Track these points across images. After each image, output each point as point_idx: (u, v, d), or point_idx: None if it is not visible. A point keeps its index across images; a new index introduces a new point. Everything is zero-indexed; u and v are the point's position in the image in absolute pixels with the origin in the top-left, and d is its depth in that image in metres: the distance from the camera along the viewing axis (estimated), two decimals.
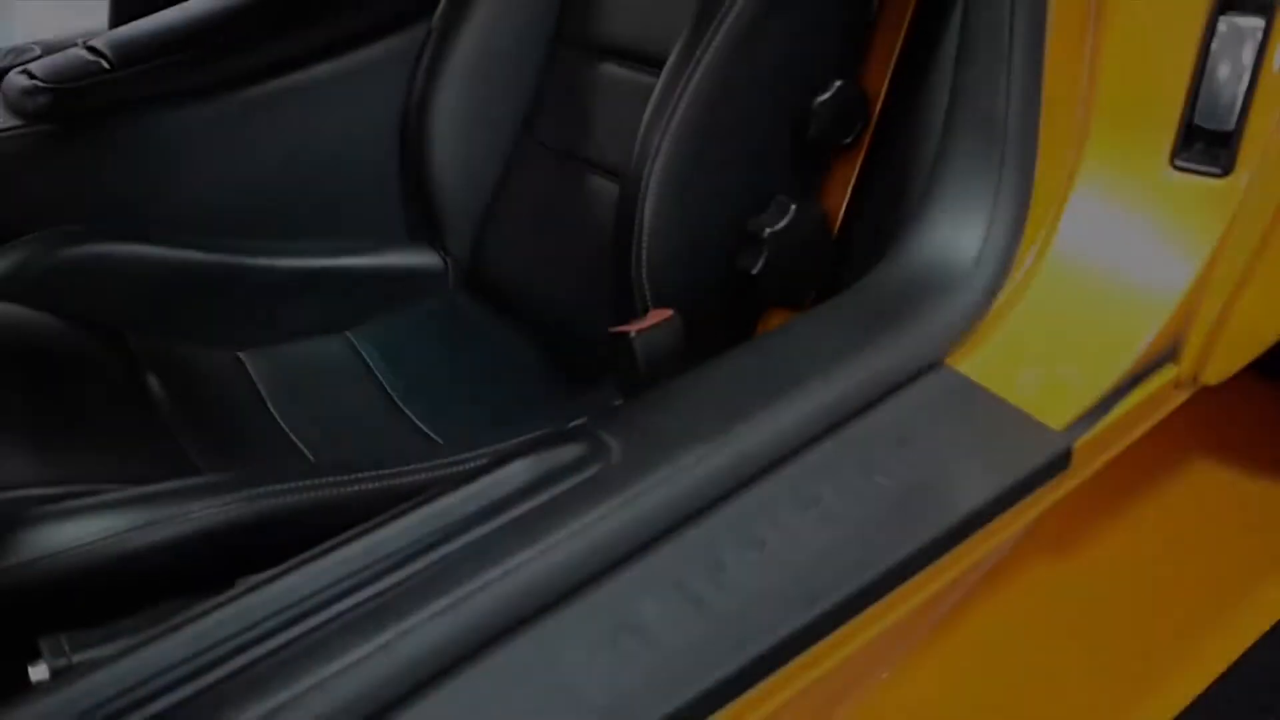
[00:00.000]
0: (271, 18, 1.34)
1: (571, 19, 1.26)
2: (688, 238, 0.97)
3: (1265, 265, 0.87)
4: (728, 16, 0.92)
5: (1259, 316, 0.89)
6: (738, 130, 0.97)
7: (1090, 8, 0.89)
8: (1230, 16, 0.84)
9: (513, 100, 1.30)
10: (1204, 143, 0.87)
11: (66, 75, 1.28)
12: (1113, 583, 1.13)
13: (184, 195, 1.31)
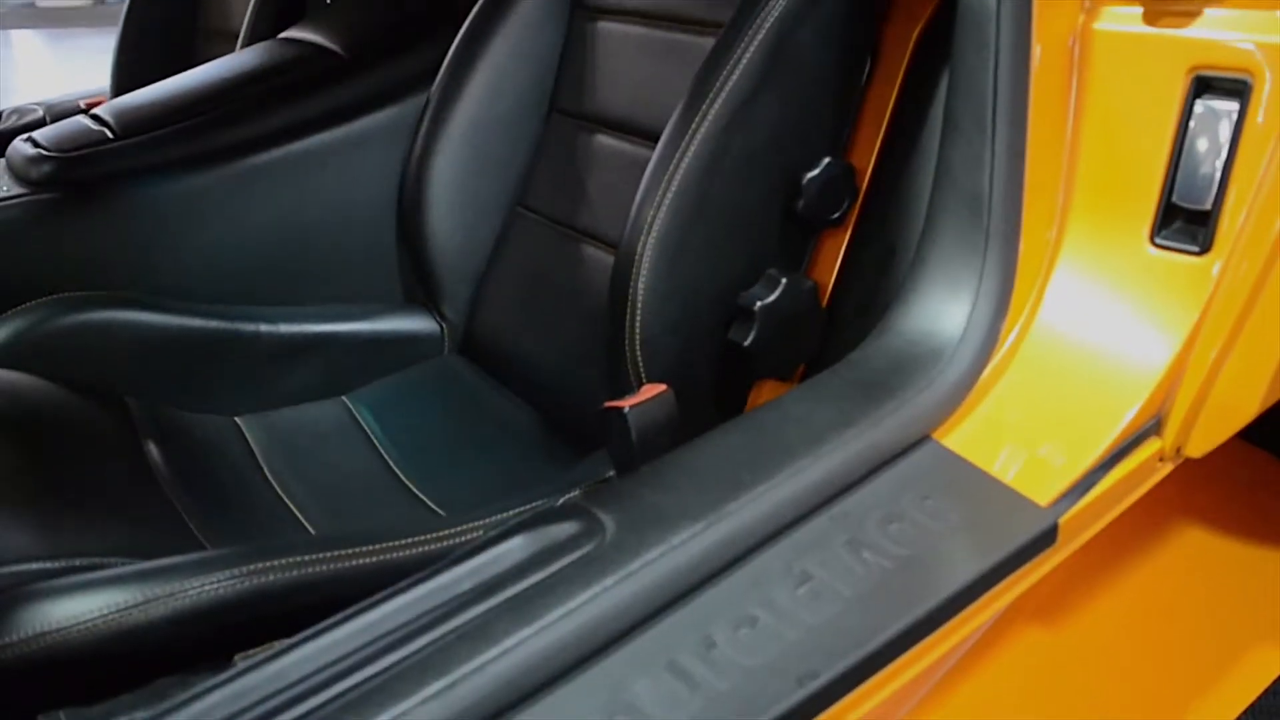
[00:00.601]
0: (271, 89, 1.37)
1: (566, 90, 1.29)
2: (680, 311, 0.98)
3: (1245, 341, 0.89)
4: (720, 95, 0.95)
5: (1240, 390, 0.90)
6: (729, 205, 0.99)
7: (1070, 90, 0.92)
8: (1206, 99, 0.87)
9: (508, 168, 1.33)
10: (1183, 221, 0.89)
11: (71, 144, 1.30)
12: (1102, 649, 1.13)
13: (184, 261, 1.33)
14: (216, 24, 1.97)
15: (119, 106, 1.37)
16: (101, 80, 2.19)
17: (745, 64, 0.94)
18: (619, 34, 1.22)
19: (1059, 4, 0.90)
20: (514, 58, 1.30)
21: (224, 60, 1.47)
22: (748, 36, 0.94)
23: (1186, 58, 0.87)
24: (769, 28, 0.94)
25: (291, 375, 1.33)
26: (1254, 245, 0.86)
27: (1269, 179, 0.85)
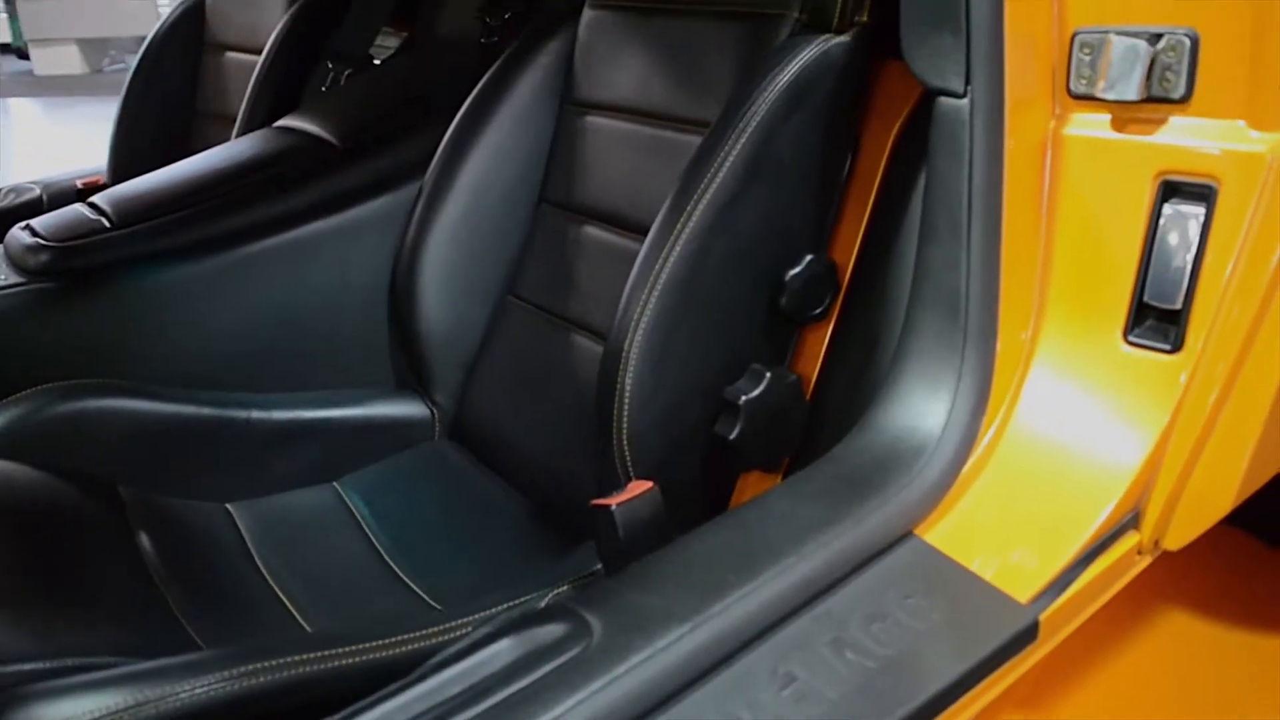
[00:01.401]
0: (267, 178, 1.40)
1: (555, 182, 1.32)
2: (667, 406, 1.00)
3: (1218, 436, 0.91)
4: (704, 197, 0.97)
5: (1216, 485, 0.92)
6: (714, 301, 1.01)
7: (1043, 193, 0.95)
8: (1174, 203, 0.90)
9: (499, 257, 1.36)
10: (1154, 320, 0.92)
11: (68, 233, 1.32)
12: None
13: (179, 348, 1.35)
14: (214, 107, 2.01)
15: (116, 195, 1.40)
16: (97, 147, 2.22)
17: (729, 166, 0.97)
18: (606, 129, 1.25)
19: (1030, 110, 0.93)
20: (505, 149, 1.33)
21: (220, 149, 1.50)
22: (731, 139, 0.97)
23: (1154, 163, 0.90)
24: (751, 131, 0.97)
25: (283, 461, 1.34)
26: (1223, 344, 0.88)
27: (1236, 280, 0.88)
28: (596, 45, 1.27)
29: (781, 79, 0.97)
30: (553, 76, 1.31)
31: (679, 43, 1.17)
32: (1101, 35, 0.90)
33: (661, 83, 1.18)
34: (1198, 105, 0.88)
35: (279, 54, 1.74)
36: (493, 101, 1.32)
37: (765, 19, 1.08)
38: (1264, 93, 0.86)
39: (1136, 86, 0.88)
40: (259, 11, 1.88)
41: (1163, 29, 0.88)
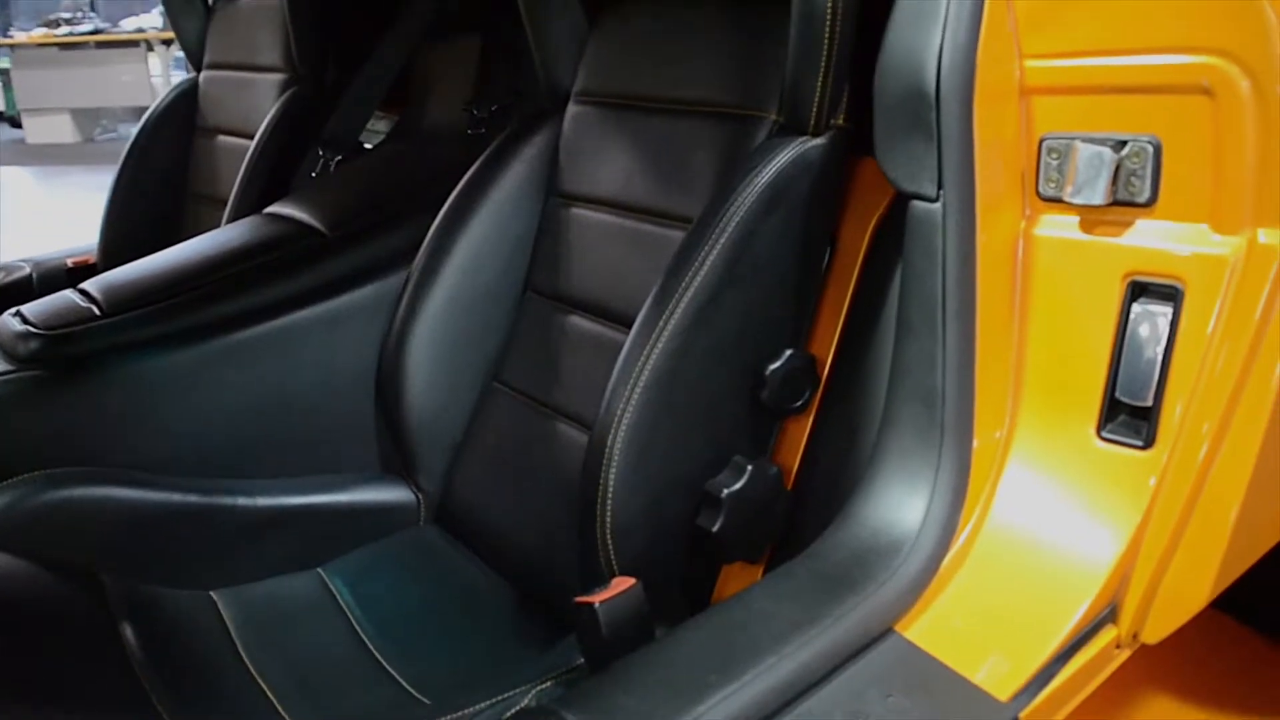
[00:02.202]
0: (256, 266, 1.42)
1: (541, 271, 1.35)
2: (650, 501, 1.01)
3: (1192, 530, 0.92)
4: (685, 295, 0.99)
5: (1191, 579, 0.93)
6: (696, 396, 1.03)
7: (1015, 292, 0.97)
8: (1143, 303, 0.92)
9: (485, 343, 1.37)
10: (1127, 416, 0.94)
11: (58, 321, 1.33)
12: None
13: (165, 436, 1.35)
14: (205, 189, 2.04)
15: (107, 282, 1.41)
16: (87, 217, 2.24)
17: (709, 265, 0.99)
18: (591, 221, 1.27)
19: (1001, 212, 0.96)
20: (491, 238, 1.35)
21: (210, 236, 1.53)
22: (711, 239, 1.00)
23: (1122, 264, 0.92)
24: (731, 231, 0.99)
25: (268, 548, 1.34)
26: (1194, 439, 0.90)
27: (1204, 377, 0.90)
28: (581, 139, 1.31)
29: (760, 181, 1.00)
30: (538, 169, 1.34)
31: (661, 140, 1.20)
32: (1068, 141, 0.93)
33: (644, 178, 1.21)
34: (1163, 209, 0.91)
35: (270, 140, 1.77)
36: (480, 192, 1.34)
37: (744, 119, 1.11)
38: (1225, 198, 0.88)
39: (1102, 192, 0.91)
40: (251, 96, 1.91)
41: (1127, 136, 0.91)
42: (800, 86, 1.01)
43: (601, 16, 1.32)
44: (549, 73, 1.35)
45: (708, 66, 1.16)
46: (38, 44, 8.26)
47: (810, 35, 0.98)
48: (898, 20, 0.93)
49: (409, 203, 1.51)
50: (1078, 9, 0.93)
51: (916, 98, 0.90)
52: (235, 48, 1.99)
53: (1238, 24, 0.85)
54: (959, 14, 0.90)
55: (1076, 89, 0.93)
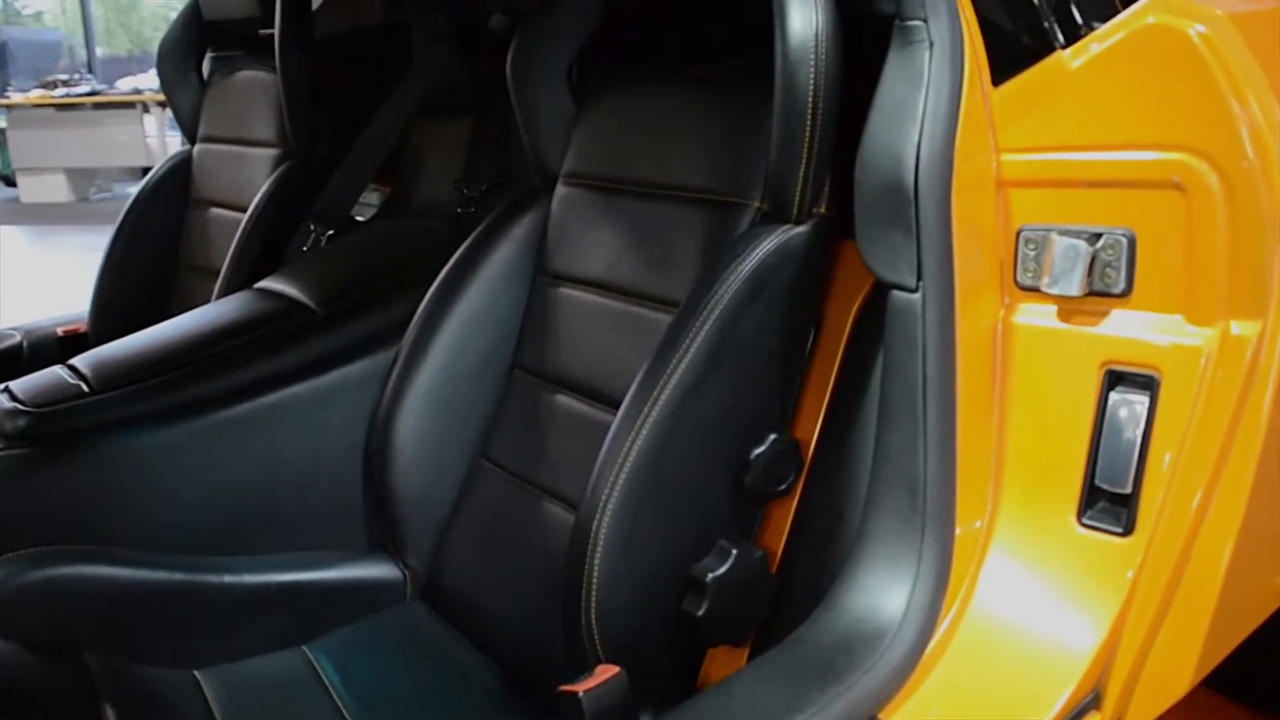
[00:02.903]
0: (246, 343, 1.43)
1: (528, 349, 1.36)
2: (636, 586, 1.02)
3: (1173, 616, 0.93)
4: (670, 381, 1.01)
5: (1174, 663, 0.94)
6: (681, 481, 1.04)
7: (995, 379, 0.99)
8: (1120, 391, 0.94)
9: (473, 421, 1.38)
10: (1106, 502, 0.95)
11: (47, 398, 1.33)
12: None
13: (153, 513, 1.35)
14: (197, 260, 2.05)
15: (96, 358, 1.42)
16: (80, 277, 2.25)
17: (694, 352, 1.00)
18: (578, 301, 1.29)
19: (979, 300, 0.97)
20: (480, 316, 1.36)
21: (201, 312, 1.54)
22: (695, 325, 1.01)
23: (1099, 353, 0.94)
24: (715, 318, 1.01)
25: (254, 626, 1.33)
26: (1173, 526, 0.91)
27: (1182, 465, 0.91)
28: (569, 220, 1.33)
29: (744, 269, 1.01)
30: (527, 248, 1.36)
31: (647, 223, 1.22)
32: (1045, 233, 0.96)
33: (631, 260, 1.23)
34: (1138, 299, 0.93)
35: (263, 214, 1.79)
36: (469, 270, 1.36)
37: (728, 206, 1.13)
38: (1198, 290, 0.90)
39: (1078, 283, 0.93)
40: (244, 170, 1.94)
41: (1102, 229, 0.93)
42: (783, 176, 1.03)
43: (588, 100, 1.35)
44: (538, 154, 1.37)
45: (692, 152, 1.19)
46: (34, 104, 8.32)
47: (792, 127, 1.00)
48: (877, 116, 0.95)
49: (399, 279, 1.53)
50: (1051, 106, 0.95)
51: (896, 192, 0.93)
52: (230, 121, 2.02)
53: (1206, 123, 0.88)
54: (936, 110, 0.93)
55: (1052, 182, 0.96)
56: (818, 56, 0.99)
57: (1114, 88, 0.92)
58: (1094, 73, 0.93)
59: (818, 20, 0.99)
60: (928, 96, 0.93)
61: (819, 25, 0.99)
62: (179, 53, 2.11)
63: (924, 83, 0.93)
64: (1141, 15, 0.91)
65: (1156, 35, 0.90)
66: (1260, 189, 0.87)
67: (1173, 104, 0.89)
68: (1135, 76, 0.91)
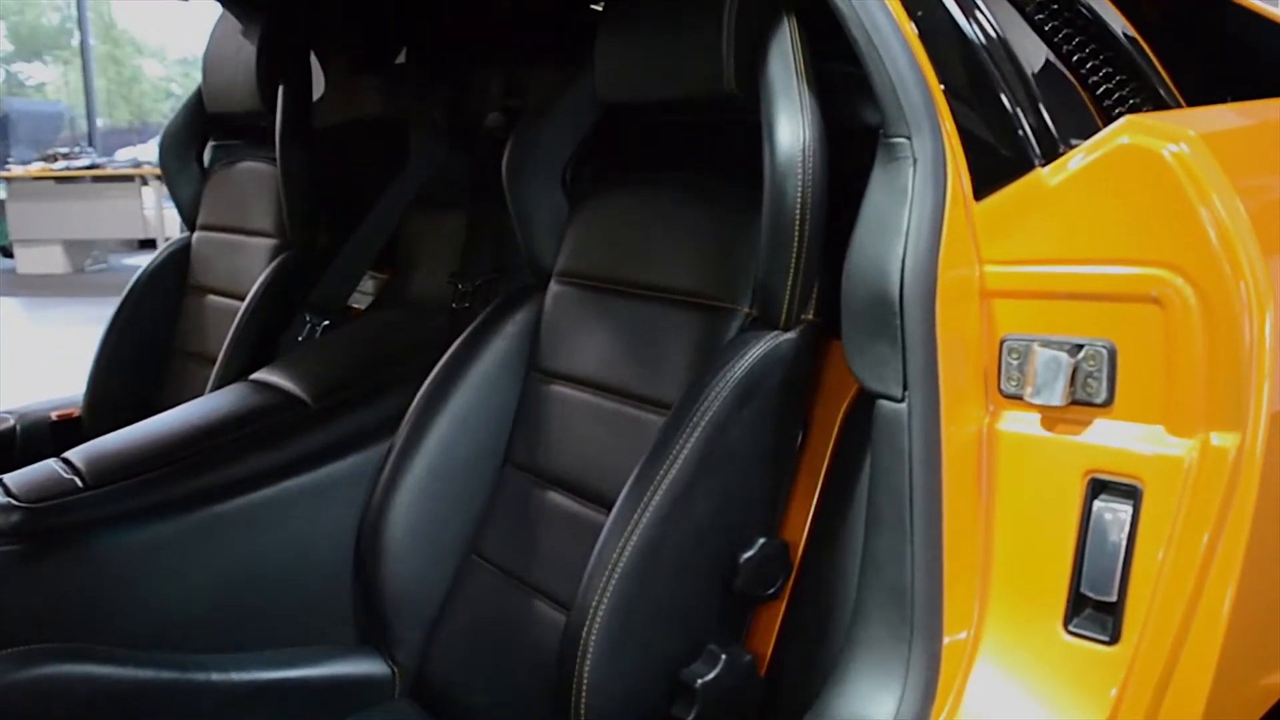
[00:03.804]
0: (240, 437, 1.44)
1: (520, 446, 1.37)
2: (625, 690, 1.02)
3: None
4: (662, 484, 1.02)
5: None
6: (671, 585, 1.04)
7: (981, 486, 1.00)
8: (1103, 499, 0.95)
9: (464, 517, 1.39)
10: (1092, 610, 0.96)
11: (41, 494, 1.34)
12: None
13: (142, 610, 1.35)
14: (193, 347, 2.07)
15: (90, 452, 1.42)
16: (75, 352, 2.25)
17: (684, 458, 1.02)
18: (570, 399, 1.31)
19: (964, 409, 0.99)
20: (472, 411, 1.38)
21: (195, 404, 1.55)
22: (686, 431, 1.03)
23: (1083, 462, 0.96)
24: (705, 424, 1.02)
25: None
26: (1159, 635, 0.92)
27: (1166, 574, 0.92)
28: (562, 318, 1.35)
29: (733, 375, 1.03)
30: (520, 344, 1.38)
31: (638, 324, 1.24)
32: (1027, 343, 0.97)
33: (622, 361, 1.24)
34: (1120, 409, 0.95)
35: (260, 304, 1.81)
36: (463, 367, 1.37)
37: (718, 311, 1.15)
38: (1178, 401, 0.92)
39: (1060, 394, 0.94)
40: (242, 259, 1.96)
41: (1083, 340, 0.95)
42: (771, 284, 1.06)
43: (582, 200, 1.38)
44: (532, 251, 1.40)
45: (683, 256, 1.21)
46: (34, 177, 8.42)
47: (780, 237, 1.03)
48: (863, 230, 0.97)
49: (392, 373, 1.54)
50: (1032, 221, 0.98)
51: (881, 304, 0.95)
52: (228, 210, 2.05)
53: (1182, 241, 0.90)
54: (920, 225, 0.95)
55: (1034, 294, 0.98)
56: (805, 169, 1.02)
57: (1092, 205, 0.95)
58: (1072, 190, 0.96)
59: (805, 134, 1.03)
60: (912, 212, 0.95)
61: (806, 139, 1.02)
62: (181, 143, 2.14)
63: (908, 198, 0.95)
64: (1116, 135, 0.94)
65: (1131, 155, 0.93)
66: (1236, 305, 0.89)
67: (1149, 222, 0.92)
68: (1112, 195, 0.93)
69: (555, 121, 1.37)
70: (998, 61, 1.02)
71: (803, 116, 1.03)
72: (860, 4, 0.97)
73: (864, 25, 0.96)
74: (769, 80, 1.07)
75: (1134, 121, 0.95)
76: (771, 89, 1.06)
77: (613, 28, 1.26)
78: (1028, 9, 1.13)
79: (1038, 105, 1.02)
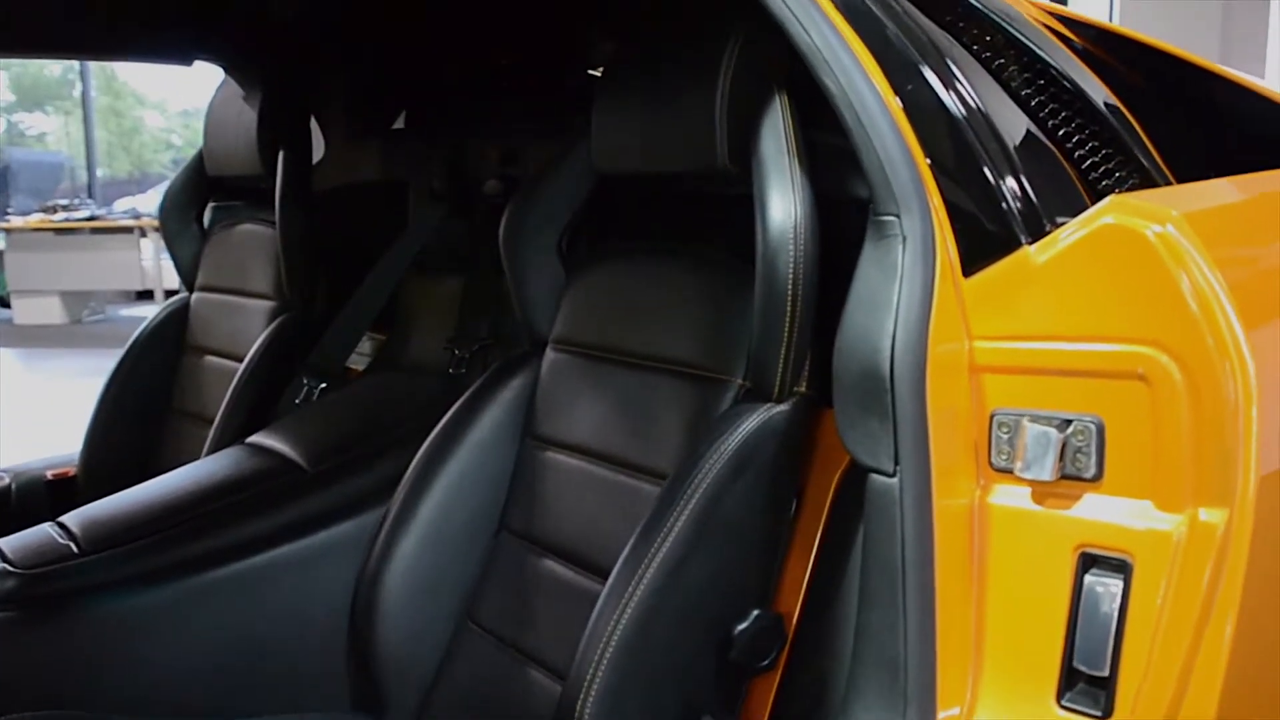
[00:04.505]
0: (236, 503, 1.44)
1: (516, 512, 1.38)
2: None
3: None
4: (657, 557, 1.03)
5: None
6: (665, 658, 1.05)
7: (973, 560, 1.00)
8: (1094, 574, 0.96)
9: (459, 583, 1.39)
10: (1085, 684, 0.96)
11: (36, 559, 1.34)
12: None
13: (136, 676, 1.35)
14: (190, 406, 2.07)
15: (86, 517, 1.43)
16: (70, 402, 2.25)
17: (678, 530, 1.03)
18: (565, 466, 1.31)
19: (955, 482, 1.00)
20: (468, 477, 1.38)
21: (192, 468, 1.56)
22: (680, 504, 1.03)
23: (1073, 536, 0.96)
24: (699, 497, 1.03)
25: None
26: (1152, 710, 0.92)
27: (1158, 648, 0.93)
28: (557, 386, 1.36)
29: (727, 447, 1.04)
30: (515, 411, 1.39)
31: (633, 393, 1.25)
32: (1017, 417, 0.99)
33: (617, 429, 1.26)
34: (1109, 485, 0.96)
35: (258, 366, 1.82)
36: (458, 432, 1.38)
37: (712, 381, 1.16)
38: (1166, 477, 0.93)
39: (1050, 469, 0.95)
40: (240, 320, 1.98)
41: (1072, 415, 0.96)
42: (764, 356, 1.07)
43: (578, 268, 1.40)
44: (528, 318, 1.41)
45: (677, 326, 1.23)
46: (34, 229, 8.46)
47: (772, 312, 1.05)
48: (853, 305, 0.99)
49: (388, 437, 1.55)
50: (1019, 298, 0.99)
51: (872, 380, 0.96)
52: (228, 272, 2.07)
53: (1166, 319, 0.92)
54: (910, 301, 0.97)
55: (1023, 369, 0.99)
56: (796, 246, 1.04)
57: (1078, 283, 0.96)
58: (1058, 268, 0.97)
59: (796, 211, 1.04)
60: (902, 288, 0.97)
61: (797, 216, 1.04)
62: (182, 204, 2.17)
63: (898, 275, 0.97)
64: (1101, 215, 0.96)
65: (1115, 235, 0.95)
66: (1221, 383, 0.90)
67: (1134, 300, 0.93)
68: (1097, 274, 0.95)
69: (552, 190, 1.40)
70: (981, 136, 1.04)
71: (794, 194, 1.05)
72: (849, 83, 0.99)
73: (853, 105, 0.98)
74: (761, 157, 1.09)
75: (1118, 201, 0.97)
76: (763, 165, 1.08)
77: (608, 100, 1.29)
78: (1013, 83, 1.15)
79: (1022, 181, 1.04)
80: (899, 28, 1.05)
